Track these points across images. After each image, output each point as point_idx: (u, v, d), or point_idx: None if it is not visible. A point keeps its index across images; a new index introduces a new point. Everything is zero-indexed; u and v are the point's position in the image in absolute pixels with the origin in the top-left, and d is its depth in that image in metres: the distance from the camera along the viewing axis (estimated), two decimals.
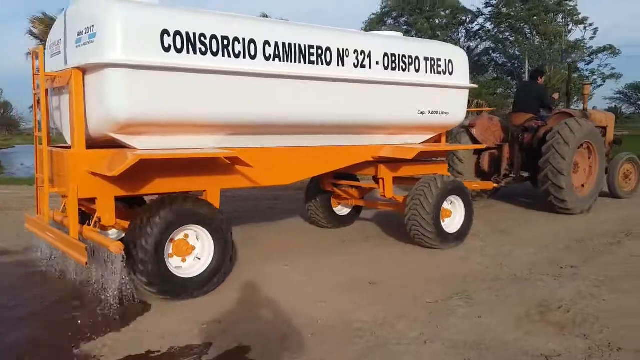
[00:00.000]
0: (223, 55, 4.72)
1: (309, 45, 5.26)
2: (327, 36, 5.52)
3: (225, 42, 4.73)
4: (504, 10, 36.46)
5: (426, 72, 6.25)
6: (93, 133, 4.55)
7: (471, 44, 42.55)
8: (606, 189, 9.70)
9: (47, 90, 4.93)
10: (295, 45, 5.16)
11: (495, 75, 41.05)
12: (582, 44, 36.95)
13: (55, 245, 4.74)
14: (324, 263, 5.86)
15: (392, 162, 6.47)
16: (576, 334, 3.87)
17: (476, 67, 40.96)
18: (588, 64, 36.86)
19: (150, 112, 4.48)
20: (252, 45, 4.88)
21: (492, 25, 39.52)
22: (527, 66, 34.97)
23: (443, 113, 6.53)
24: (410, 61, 6.11)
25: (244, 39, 4.83)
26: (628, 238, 6.92)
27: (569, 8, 37.03)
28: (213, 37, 4.66)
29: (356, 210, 7.73)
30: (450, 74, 6.49)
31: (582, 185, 8.77)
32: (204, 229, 4.73)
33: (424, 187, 6.20)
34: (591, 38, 37.12)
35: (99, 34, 4.31)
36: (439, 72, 6.38)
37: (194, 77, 4.58)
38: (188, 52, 4.53)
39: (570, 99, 10.23)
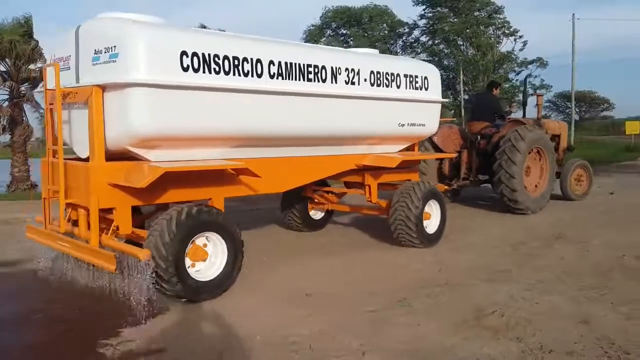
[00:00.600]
0: (234, 74, 5.12)
1: (307, 64, 5.75)
2: (322, 55, 6.11)
3: (236, 62, 5.14)
4: (438, 23, 37.58)
5: (406, 87, 6.90)
6: (110, 146, 4.78)
7: (407, 56, 43.63)
8: (559, 192, 10.45)
9: (51, 105, 5.14)
10: (295, 64, 5.63)
11: None
12: (512, 55, 38.58)
13: (73, 254, 4.97)
14: (270, 276, 5.79)
15: (376, 170, 7.03)
16: (510, 338, 3.98)
17: None
18: (518, 74, 38.49)
19: (169, 128, 4.83)
20: (258, 65, 5.32)
21: (427, 38, 40.69)
22: (461, 77, 36.17)
23: (420, 125, 7.21)
24: (392, 78, 6.72)
25: (251, 59, 5.26)
26: (558, 241, 7.21)
27: (499, 21, 38.62)
28: (225, 57, 5.06)
29: (328, 214, 8.26)
30: (426, 89, 7.16)
31: (535, 187, 9.51)
32: (219, 238, 5.00)
33: (408, 191, 6.77)
34: (521, 50, 38.82)
35: (122, 54, 4.58)
36: (416, 88, 7.04)
37: (208, 94, 4.96)
38: (204, 71, 4.91)
39: (526, 109, 11.47)
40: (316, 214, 8.13)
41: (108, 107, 4.70)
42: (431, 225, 7.03)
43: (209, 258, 4.99)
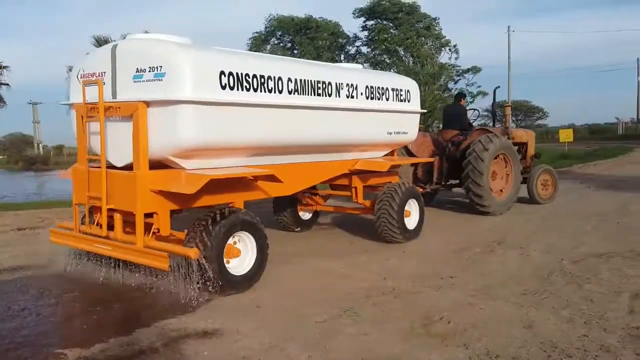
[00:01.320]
0: (261, 91, 5.76)
1: (316, 81, 6.44)
2: (328, 72, 6.85)
3: (262, 80, 5.75)
4: (379, 34, 38.25)
5: (393, 100, 7.72)
6: (150, 156, 5.22)
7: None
8: (526, 195, 11.10)
9: (82, 118, 5.65)
10: (307, 81, 6.32)
11: None
12: (449, 65, 39.68)
13: (116, 256, 5.50)
14: None
15: (363, 173, 7.79)
16: (457, 344, 4.01)
17: None
18: (456, 82, 39.55)
19: (208, 140, 5.36)
20: (279, 82, 5.95)
21: (369, 49, 41.31)
22: None
23: (403, 133, 8.07)
24: (382, 91, 7.54)
25: (274, 77, 5.88)
26: (500, 247, 7.35)
27: (435, 32, 39.75)
28: (254, 76, 5.66)
29: (316, 214, 8.98)
30: (409, 101, 8.03)
31: (501, 191, 10.20)
32: (250, 236, 5.59)
33: (391, 192, 7.52)
34: (456, 59, 39.99)
35: (169, 74, 5.04)
36: (401, 100, 7.88)
37: (240, 109, 5.56)
38: (238, 89, 5.51)
39: (495, 118, 12.40)
40: (304, 215, 8.75)
41: (152, 121, 5.16)
42: (411, 221, 7.82)
43: (243, 255, 5.56)
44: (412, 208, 7.87)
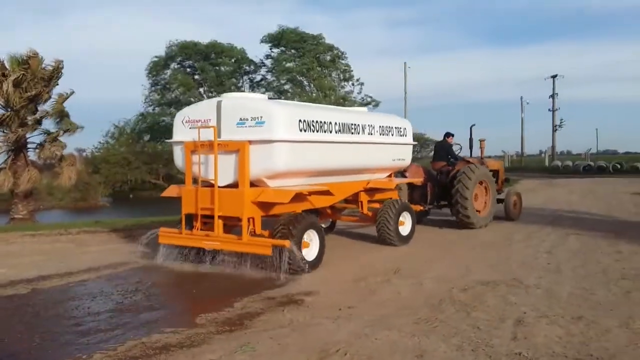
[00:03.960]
0: (322, 132, 8.36)
1: (351, 123, 9.07)
2: (357, 117, 9.45)
3: (320, 124, 8.34)
4: (283, 63, 38.75)
5: (396, 135, 10.34)
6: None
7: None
8: (502, 213, 13.50)
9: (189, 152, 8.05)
10: (345, 123, 8.94)
11: None
12: (351, 97, 41.01)
13: (226, 248, 7.88)
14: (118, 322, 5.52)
15: (370, 190, 10.20)
16: None
17: None
18: None
19: (290, 166, 7.85)
20: (330, 125, 8.54)
21: (273, 77, 41.70)
22: None
23: (402, 160, 10.71)
24: (389, 129, 10.15)
25: (327, 121, 8.47)
26: (396, 276, 7.53)
27: (341, 65, 41.01)
28: (316, 121, 8.23)
29: (333, 223, 11.63)
30: (405, 136, 10.67)
31: (481, 210, 12.53)
32: (316, 232, 8.00)
33: (389, 205, 9.84)
34: (359, 93, 41.46)
35: (268, 122, 7.48)
36: (401, 135, 10.49)
37: (309, 145, 8.07)
38: (309, 131, 8.08)
39: (472, 150, 14.32)
40: (324, 224, 10.42)
41: (253, 154, 7.54)
42: (405, 229, 10.12)
43: (310, 246, 7.89)
44: (406, 219, 10.18)
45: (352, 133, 9.01)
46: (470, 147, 14.20)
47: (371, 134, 9.50)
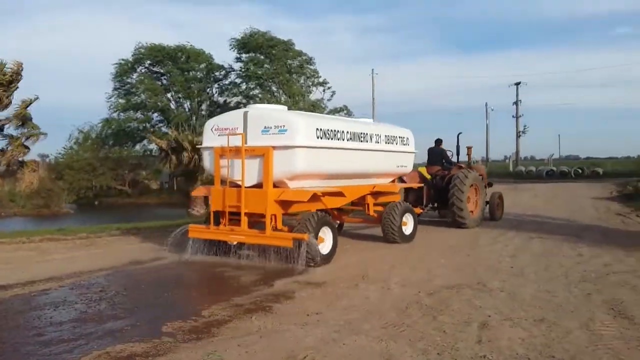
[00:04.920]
0: (336, 139, 9.40)
1: (360, 132, 10.17)
2: (366, 127, 10.52)
3: (334, 132, 9.39)
4: (252, 68, 38.55)
5: (400, 144, 11.43)
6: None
7: (226, 99, 43.84)
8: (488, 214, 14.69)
9: (218, 156, 9.12)
10: (356, 132, 10.03)
11: None
12: (321, 104, 41.09)
13: (250, 241, 8.97)
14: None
15: (376, 193, 11.12)
16: None
17: None
18: None
19: (308, 169, 8.87)
20: (342, 133, 9.59)
21: (242, 82, 41.45)
22: None
23: (405, 166, 11.82)
24: (394, 138, 11.23)
25: (339, 130, 9.53)
26: (364, 281, 7.58)
27: (309, 71, 41.06)
28: (331, 130, 9.28)
29: (340, 225, 12.19)
30: (408, 145, 11.78)
31: (473, 210, 13.64)
32: (329, 229, 8.98)
33: (394, 207, 10.87)
34: (329, 100, 41.55)
35: (290, 130, 8.54)
36: (404, 144, 11.60)
37: (324, 150, 9.10)
38: (325, 138, 9.13)
39: (458, 156, 15.38)
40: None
41: (276, 159, 8.57)
42: (407, 229, 11.14)
43: (325, 241, 8.84)
44: (408, 219, 11.16)
45: (362, 141, 10.11)
46: (457, 154, 15.35)
47: (378, 142, 10.62)
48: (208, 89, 42.90)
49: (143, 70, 41.98)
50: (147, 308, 6.36)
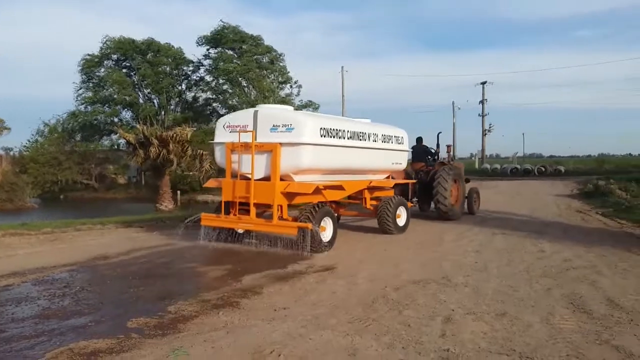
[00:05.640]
0: (338, 138, 10.23)
1: (360, 132, 11.06)
2: (364, 127, 11.36)
3: (336, 131, 10.20)
4: (221, 64, 38.20)
5: (395, 143, 12.41)
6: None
7: (194, 94, 43.38)
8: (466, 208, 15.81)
9: (229, 151, 9.90)
10: (355, 131, 10.90)
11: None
12: (290, 99, 41.02)
13: (258, 229, 9.98)
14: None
15: (372, 188, 12.08)
16: None
17: (201, 117, 41.89)
18: None
19: (312, 164, 9.66)
20: (344, 132, 10.45)
21: (211, 77, 41.09)
22: None
23: (399, 163, 12.82)
24: (389, 137, 12.19)
25: (341, 129, 10.36)
26: (331, 276, 7.68)
27: (279, 67, 40.93)
28: (333, 129, 10.10)
29: (338, 217, 12.39)
30: (402, 144, 12.82)
31: (455, 203, 14.70)
32: (330, 219, 9.87)
33: (388, 201, 11.89)
34: (297, 95, 41.52)
35: (296, 128, 9.36)
36: (399, 143, 12.62)
37: (327, 147, 9.90)
38: (328, 137, 9.92)
39: (438, 153, 16.23)
40: None
41: (283, 154, 9.34)
42: (401, 221, 12.10)
43: (326, 230, 9.72)
44: (402, 212, 12.13)
45: (361, 140, 10.99)
46: (438, 152, 16.41)
47: (375, 141, 11.52)
48: (177, 84, 42.41)
49: (112, 64, 41.27)
50: (112, 304, 6.29)
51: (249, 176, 9.53)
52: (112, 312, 5.94)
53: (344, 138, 10.39)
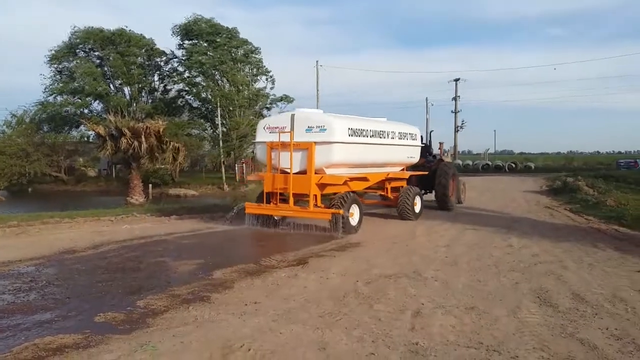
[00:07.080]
0: (362, 136, 11.97)
1: (380, 130, 12.74)
2: (384, 125, 13.13)
3: (361, 130, 11.94)
4: (195, 56, 37.70)
5: (409, 139, 14.23)
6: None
7: (166, 84, 42.75)
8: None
9: (270, 149, 11.67)
10: (377, 130, 12.59)
11: (190, 117, 42.13)
12: (264, 93, 40.78)
13: (296, 215, 11.74)
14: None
15: (393, 179, 14.14)
16: None
17: (172, 109, 41.34)
18: (269, 109, 40.75)
19: (341, 160, 11.45)
20: (367, 131, 12.16)
21: (184, 69, 40.52)
22: (219, 110, 36.75)
23: (413, 157, 14.75)
24: (405, 135, 13.97)
25: (365, 129, 12.11)
26: (303, 270, 7.65)
27: (254, 60, 40.58)
28: (359, 129, 11.87)
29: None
30: (416, 140, 14.74)
31: (451, 195, 16.47)
32: (357, 206, 11.62)
33: (407, 191, 13.83)
34: (271, 88, 41.27)
35: (329, 129, 11.10)
36: (412, 139, 14.49)
37: (355, 145, 11.67)
38: (354, 136, 11.67)
39: (430, 151, 17.91)
40: None
41: (317, 151, 11.05)
42: (417, 208, 13.97)
43: (354, 215, 11.39)
44: (417, 201, 14.05)
45: (381, 137, 12.66)
46: (428, 150, 17.82)
47: (393, 138, 13.27)
48: (149, 75, 41.77)
49: (82, 55, 40.43)
50: (79, 298, 6.18)
51: (288, 170, 11.16)
52: (79, 307, 5.84)
53: (368, 136, 12.05)
